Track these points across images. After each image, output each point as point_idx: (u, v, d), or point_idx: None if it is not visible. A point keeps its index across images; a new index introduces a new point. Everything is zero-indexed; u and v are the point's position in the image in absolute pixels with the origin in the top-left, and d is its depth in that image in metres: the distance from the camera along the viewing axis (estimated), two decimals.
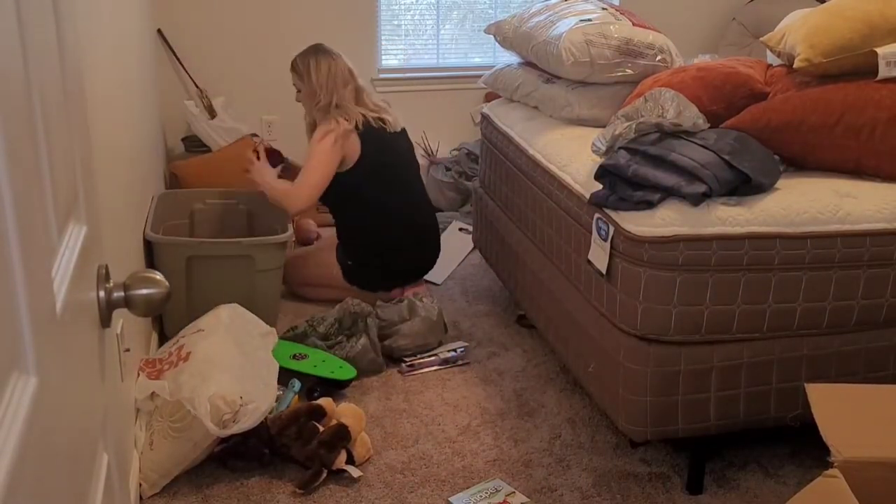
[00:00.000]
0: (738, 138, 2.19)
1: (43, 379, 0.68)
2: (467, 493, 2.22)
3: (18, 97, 0.71)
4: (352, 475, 2.24)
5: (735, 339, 2.10)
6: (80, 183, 1.01)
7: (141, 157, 2.97)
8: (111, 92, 2.35)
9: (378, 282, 3.23)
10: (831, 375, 2.17)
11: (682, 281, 2.02)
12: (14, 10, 0.72)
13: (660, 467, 2.34)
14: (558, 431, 2.50)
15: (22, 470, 0.58)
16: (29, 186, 0.72)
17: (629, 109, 2.28)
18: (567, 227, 2.41)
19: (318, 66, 3.13)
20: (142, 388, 2.28)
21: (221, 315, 2.57)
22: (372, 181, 3.15)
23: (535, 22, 2.93)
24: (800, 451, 2.39)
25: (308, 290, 3.32)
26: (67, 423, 0.78)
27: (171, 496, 2.19)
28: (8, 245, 0.64)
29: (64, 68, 0.95)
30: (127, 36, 2.87)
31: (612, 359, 2.16)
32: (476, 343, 3.03)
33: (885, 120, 2.21)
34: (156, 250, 2.85)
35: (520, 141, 2.84)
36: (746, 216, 2.04)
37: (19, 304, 0.66)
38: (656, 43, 2.78)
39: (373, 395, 2.69)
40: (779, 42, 2.50)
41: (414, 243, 3.29)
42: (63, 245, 0.88)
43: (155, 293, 1.04)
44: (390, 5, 4.53)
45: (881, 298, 2.13)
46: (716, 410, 2.13)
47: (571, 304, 2.40)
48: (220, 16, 4.23)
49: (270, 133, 4.38)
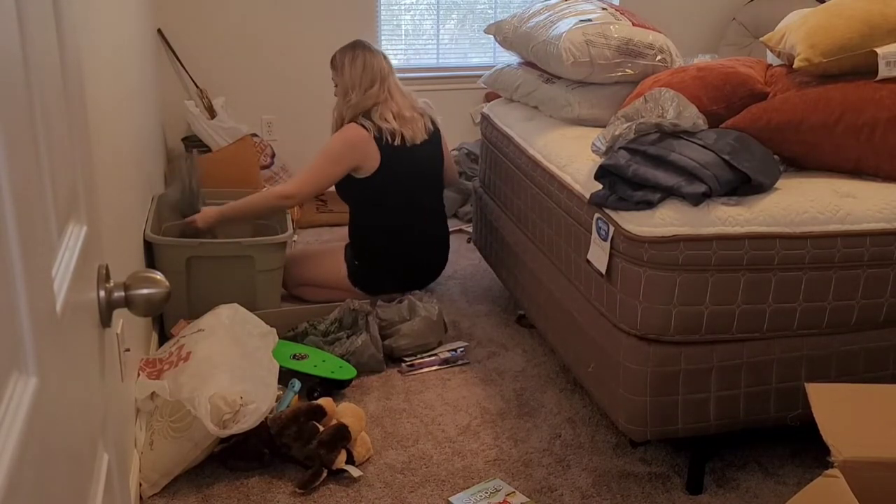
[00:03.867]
0: (738, 138, 2.19)
1: (43, 379, 0.68)
2: (467, 492, 2.22)
3: (19, 97, 0.71)
4: (352, 475, 2.24)
5: (735, 339, 2.10)
6: (80, 183, 1.01)
7: (141, 158, 2.97)
8: (111, 92, 2.35)
9: (380, 286, 3.21)
10: (831, 375, 2.17)
11: (682, 281, 2.02)
12: (14, 10, 0.72)
13: (660, 467, 2.34)
14: (558, 431, 2.50)
15: (22, 470, 0.58)
16: (29, 186, 0.72)
17: (629, 109, 2.28)
18: (567, 227, 2.41)
19: (353, 62, 3.11)
20: (142, 388, 2.28)
21: (221, 315, 2.58)
22: (389, 191, 3.13)
23: (535, 22, 2.93)
24: (800, 451, 2.39)
25: (306, 291, 3.29)
26: (67, 423, 0.78)
27: (171, 496, 2.19)
28: (8, 245, 0.64)
29: (64, 68, 0.95)
30: (127, 36, 2.87)
31: (611, 359, 2.16)
32: (476, 343, 3.03)
33: (885, 120, 2.21)
34: (156, 250, 2.85)
35: (520, 141, 2.84)
36: (746, 216, 2.05)
37: (19, 303, 0.66)
38: (656, 43, 2.78)
39: (373, 395, 2.69)
40: (779, 42, 2.50)
41: (422, 254, 3.29)
42: (63, 245, 0.88)
43: (155, 293, 1.04)
44: (390, 5, 4.54)
45: (881, 298, 2.13)
46: (716, 410, 2.13)
47: (571, 304, 2.40)
48: (220, 16, 4.24)
49: (270, 133, 4.39)
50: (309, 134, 3.70)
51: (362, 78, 3.08)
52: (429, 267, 3.35)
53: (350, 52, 3.14)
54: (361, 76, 3.08)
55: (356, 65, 3.10)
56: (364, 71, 3.09)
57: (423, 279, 3.34)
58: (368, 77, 3.09)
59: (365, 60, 3.11)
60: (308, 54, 4.35)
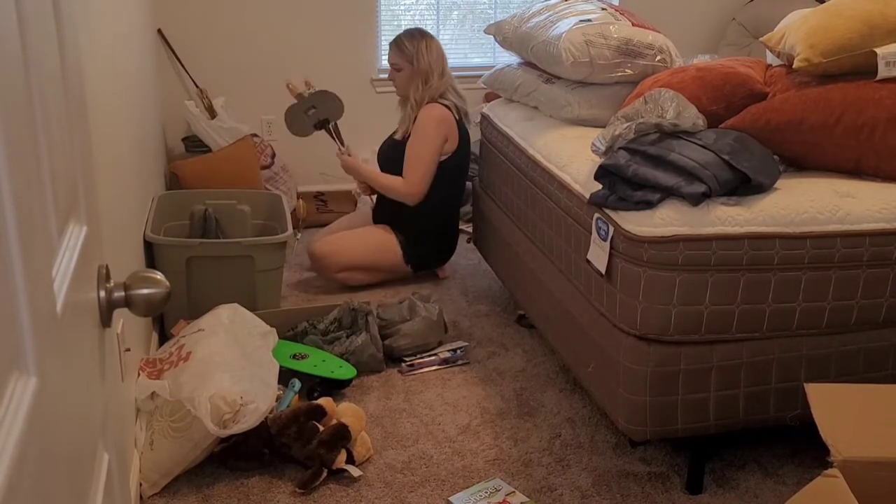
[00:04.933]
0: (738, 138, 2.19)
1: (43, 379, 0.68)
2: (467, 492, 2.22)
3: (19, 98, 0.71)
4: (352, 475, 2.24)
5: (734, 339, 2.10)
6: (81, 183, 1.01)
7: (141, 158, 2.97)
8: (111, 92, 2.35)
9: (427, 262, 3.49)
10: (831, 375, 2.17)
11: (681, 281, 2.02)
12: (14, 10, 0.72)
13: (659, 467, 2.34)
14: (558, 431, 2.50)
15: (22, 470, 0.58)
16: (29, 186, 0.72)
17: (629, 110, 2.28)
18: (567, 227, 2.41)
19: (429, 47, 3.30)
20: (142, 388, 2.28)
21: (221, 315, 2.58)
22: (464, 168, 3.39)
23: (534, 22, 2.93)
24: (800, 451, 2.39)
25: (351, 276, 3.40)
26: (67, 423, 0.79)
27: (171, 496, 2.19)
28: (8, 245, 0.64)
29: (64, 69, 0.95)
30: (127, 36, 2.87)
31: (611, 359, 2.16)
32: (476, 343, 3.03)
33: (885, 120, 2.21)
34: (156, 250, 2.85)
35: (519, 141, 2.84)
36: (746, 216, 2.05)
37: (19, 303, 0.66)
38: (656, 43, 2.78)
39: (373, 394, 2.69)
40: (778, 42, 2.50)
41: (455, 223, 3.57)
42: (63, 245, 0.88)
43: (155, 293, 1.05)
44: (390, 5, 4.53)
45: (881, 298, 2.13)
46: (715, 410, 2.13)
47: (571, 304, 2.40)
48: (220, 16, 4.23)
49: (270, 133, 4.39)
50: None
51: (440, 63, 3.29)
52: (455, 237, 3.58)
53: (423, 39, 3.33)
54: (438, 61, 3.30)
55: (433, 50, 3.31)
56: (439, 57, 3.32)
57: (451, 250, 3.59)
58: (442, 62, 3.32)
59: (438, 47, 3.34)
60: (308, 54, 4.35)
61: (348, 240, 3.44)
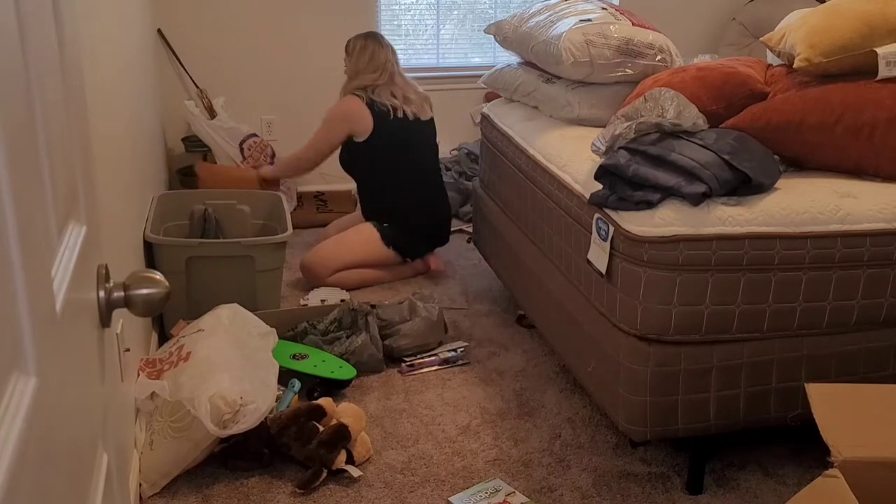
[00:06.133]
0: (738, 138, 2.18)
1: (43, 379, 0.68)
2: (467, 492, 2.22)
3: (18, 97, 0.71)
4: (352, 475, 2.24)
5: (735, 339, 2.10)
6: (80, 183, 1.01)
7: (141, 158, 2.97)
8: (111, 92, 2.35)
9: (409, 244, 3.53)
10: (831, 375, 2.17)
11: (682, 281, 2.02)
12: (14, 10, 0.71)
13: (659, 467, 2.34)
14: (558, 431, 2.50)
15: (22, 470, 0.58)
16: (29, 186, 0.72)
17: (629, 109, 2.28)
18: (567, 227, 2.41)
19: (363, 50, 3.49)
20: (142, 388, 2.28)
21: (221, 315, 2.58)
22: (383, 150, 3.47)
23: (534, 22, 2.93)
24: (800, 451, 2.39)
25: (345, 277, 3.43)
26: (67, 423, 0.78)
27: (171, 496, 2.19)
28: (8, 245, 0.64)
29: (64, 68, 0.95)
30: (127, 36, 2.87)
31: (611, 359, 2.16)
32: (476, 343, 3.03)
33: (885, 120, 2.21)
34: (156, 251, 2.85)
35: (520, 141, 2.84)
36: (746, 216, 2.04)
37: (19, 303, 0.66)
38: (656, 43, 2.78)
39: (373, 395, 2.69)
40: (779, 42, 2.50)
41: (427, 204, 3.59)
42: (63, 245, 0.88)
43: (155, 293, 1.04)
44: (390, 5, 4.53)
45: (881, 298, 2.13)
46: (716, 410, 2.13)
47: (571, 304, 2.40)
48: (220, 16, 4.23)
49: (270, 133, 4.39)
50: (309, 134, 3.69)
51: (367, 66, 3.47)
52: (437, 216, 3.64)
53: (362, 41, 3.52)
54: (367, 64, 3.47)
55: (364, 54, 3.48)
56: (370, 61, 3.47)
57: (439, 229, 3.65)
58: (372, 66, 3.47)
59: (373, 52, 3.48)
60: (308, 54, 4.35)
61: (329, 245, 3.50)
